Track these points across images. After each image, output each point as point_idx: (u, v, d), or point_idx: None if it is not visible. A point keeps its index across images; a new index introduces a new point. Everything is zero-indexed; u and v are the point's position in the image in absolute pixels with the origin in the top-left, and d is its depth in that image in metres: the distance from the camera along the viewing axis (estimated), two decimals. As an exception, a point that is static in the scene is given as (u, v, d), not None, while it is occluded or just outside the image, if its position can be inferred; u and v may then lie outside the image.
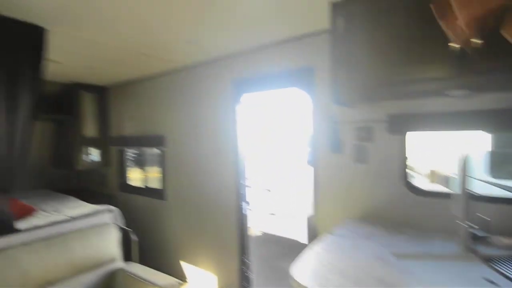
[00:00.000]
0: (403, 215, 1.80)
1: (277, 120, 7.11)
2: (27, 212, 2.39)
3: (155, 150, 3.67)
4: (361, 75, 1.48)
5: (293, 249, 4.12)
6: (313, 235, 2.23)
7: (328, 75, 1.60)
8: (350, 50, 1.52)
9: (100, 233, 2.00)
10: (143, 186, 3.77)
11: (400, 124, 1.79)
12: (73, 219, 2.07)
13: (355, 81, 1.50)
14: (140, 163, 4.01)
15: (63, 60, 2.64)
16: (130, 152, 4.06)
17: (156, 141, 3.34)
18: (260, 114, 6.67)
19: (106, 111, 3.96)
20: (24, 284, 1.61)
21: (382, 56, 1.43)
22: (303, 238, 4.04)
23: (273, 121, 7.13)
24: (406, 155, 1.83)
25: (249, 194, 2.89)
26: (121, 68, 3.05)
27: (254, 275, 2.86)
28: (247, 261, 2.81)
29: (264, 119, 6.94)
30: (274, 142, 7.46)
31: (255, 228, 5.15)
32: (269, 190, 3.54)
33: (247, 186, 2.85)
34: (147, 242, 3.25)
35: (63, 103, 3.74)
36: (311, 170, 2.23)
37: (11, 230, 1.88)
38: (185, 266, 3.17)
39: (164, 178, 3.36)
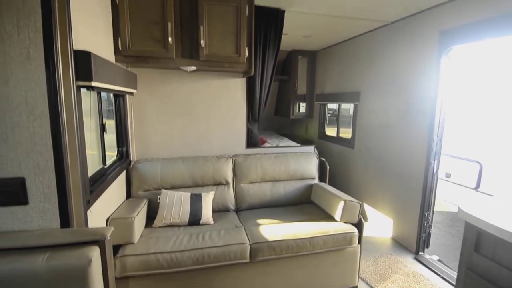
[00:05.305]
0: None
1: (497, 76, 5.53)
2: (262, 142, 3.73)
3: (348, 112, 4.15)
4: None
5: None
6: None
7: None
8: None
9: (306, 158, 2.84)
10: (336, 136, 4.44)
11: None
12: (291, 146, 3.06)
13: None
14: (334, 123, 4.64)
15: (289, 32, 3.55)
16: (328, 112, 4.78)
17: (352, 96, 3.80)
18: (474, 69, 5.43)
19: (313, 72, 4.84)
20: (263, 176, 2.71)
21: None
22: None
23: (491, 78, 5.61)
24: None
25: (451, 165, 2.81)
26: (330, 33, 3.66)
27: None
28: (429, 217, 2.87)
29: (480, 76, 5.60)
30: (492, 104, 5.93)
31: (453, 202, 4.67)
32: (478, 162, 3.21)
33: (445, 153, 2.78)
34: (335, 182, 3.96)
35: (285, 67, 4.95)
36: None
37: (258, 146, 3.10)
38: (366, 207, 3.64)
39: (354, 129, 3.83)
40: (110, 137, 2.39)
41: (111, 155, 2.39)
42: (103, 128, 1.91)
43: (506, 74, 5.49)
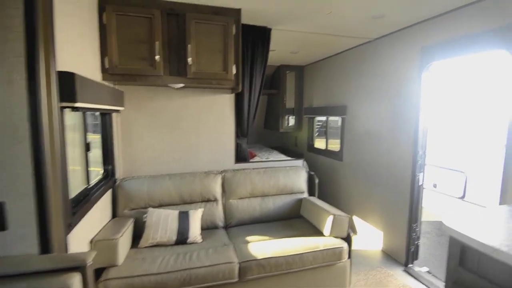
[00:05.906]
0: None
1: (473, 90, 5.84)
2: (252, 156, 3.73)
3: (337, 124, 4.23)
4: None
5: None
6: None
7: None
8: None
9: (295, 172, 2.86)
10: (324, 148, 4.49)
11: None
12: (280, 160, 3.08)
13: None
14: (323, 134, 4.72)
15: (277, 48, 3.63)
16: (317, 123, 4.86)
17: (339, 110, 3.87)
18: (454, 83, 5.70)
19: (301, 86, 4.92)
20: (253, 191, 2.70)
21: None
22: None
23: (469, 92, 5.92)
24: None
25: (435, 175, 2.85)
26: (316, 49, 3.75)
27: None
28: (417, 229, 2.89)
29: (459, 90, 5.88)
30: (471, 117, 6.24)
31: (441, 212, 4.71)
32: (463, 172, 3.26)
33: (431, 164, 2.80)
34: (325, 194, 3.98)
35: (273, 81, 5.03)
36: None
37: (247, 161, 3.10)
38: (356, 219, 3.65)
39: (342, 142, 3.89)
40: (96, 152, 2.35)
41: (97, 170, 2.34)
42: (87, 148, 1.88)
43: (486, 86, 5.76)
